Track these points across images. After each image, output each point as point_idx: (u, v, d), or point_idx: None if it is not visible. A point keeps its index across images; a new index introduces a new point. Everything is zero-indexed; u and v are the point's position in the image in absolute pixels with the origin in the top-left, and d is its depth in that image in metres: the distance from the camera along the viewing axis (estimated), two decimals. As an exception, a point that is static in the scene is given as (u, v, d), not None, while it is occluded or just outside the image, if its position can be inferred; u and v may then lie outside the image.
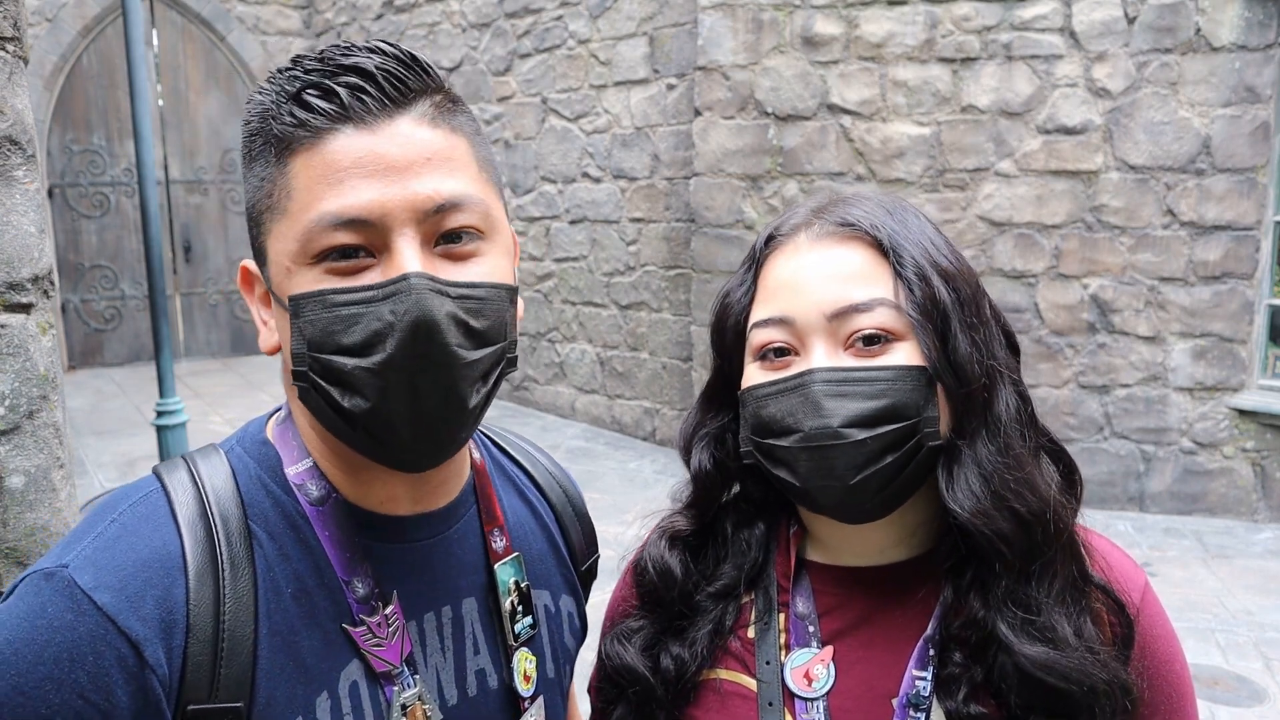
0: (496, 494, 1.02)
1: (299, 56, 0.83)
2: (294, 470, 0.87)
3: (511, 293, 0.85)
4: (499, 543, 0.98)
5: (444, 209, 0.80)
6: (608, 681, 1.05)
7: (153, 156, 5.19)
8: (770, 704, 0.94)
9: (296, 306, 0.79)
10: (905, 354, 0.89)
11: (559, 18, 7.73)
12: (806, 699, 0.94)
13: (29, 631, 0.74)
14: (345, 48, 0.82)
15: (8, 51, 1.60)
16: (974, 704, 0.88)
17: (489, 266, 0.83)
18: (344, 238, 0.77)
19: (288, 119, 0.79)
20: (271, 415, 0.93)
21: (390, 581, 0.89)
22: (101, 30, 9.73)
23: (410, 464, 0.84)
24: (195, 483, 0.84)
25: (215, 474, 0.85)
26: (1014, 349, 0.99)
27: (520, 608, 0.98)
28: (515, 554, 0.99)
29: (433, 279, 0.77)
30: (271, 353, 0.88)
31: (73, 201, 9.80)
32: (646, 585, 1.05)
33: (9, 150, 1.59)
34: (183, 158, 10.32)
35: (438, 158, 0.80)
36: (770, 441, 0.93)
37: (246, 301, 0.90)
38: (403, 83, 0.80)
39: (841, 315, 0.90)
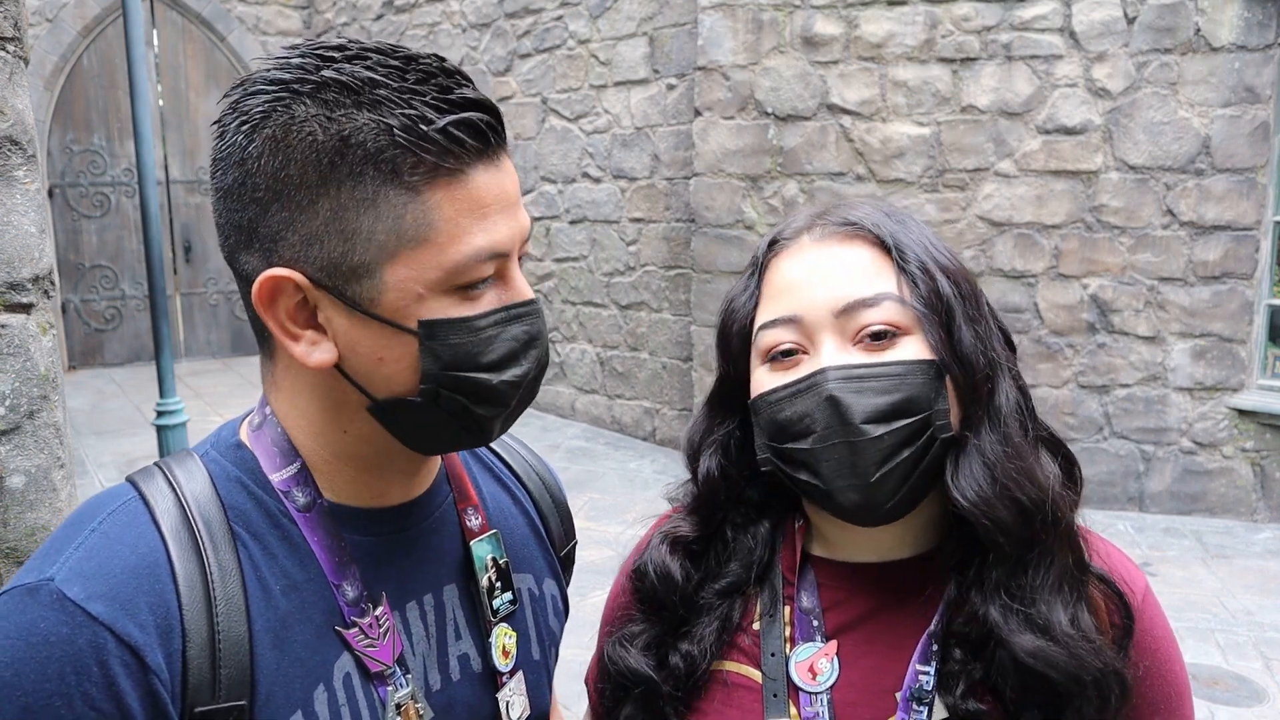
0: (471, 477, 1.05)
1: (385, 76, 0.78)
2: (278, 476, 0.88)
3: None
4: (474, 521, 1.00)
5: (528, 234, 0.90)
6: (611, 683, 1.06)
7: (153, 156, 5.19)
8: (775, 696, 0.95)
9: (432, 330, 0.82)
10: (913, 348, 0.90)
11: (559, 18, 7.73)
12: (810, 692, 0.95)
13: (25, 650, 0.73)
14: (426, 68, 0.81)
15: (8, 52, 1.60)
16: (972, 700, 0.89)
17: None
18: (489, 270, 0.84)
19: (429, 149, 0.78)
20: (243, 420, 0.94)
21: (376, 575, 0.90)
22: (102, 30, 9.73)
23: (491, 437, 0.91)
24: (174, 489, 0.84)
25: (193, 479, 0.86)
26: (1010, 345, 1.01)
27: (499, 584, 1.00)
28: (492, 531, 1.02)
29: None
30: (320, 368, 0.84)
31: (73, 201, 9.80)
32: (646, 589, 1.05)
33: (9, 150, 1.59)
34: (183, 158, 10.31)
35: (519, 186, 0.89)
36: (789, 446, 0.92)
37: (263, 313, 0.83)
38: (500, 118, 0.85)
39: (849, 311, 0.91)
